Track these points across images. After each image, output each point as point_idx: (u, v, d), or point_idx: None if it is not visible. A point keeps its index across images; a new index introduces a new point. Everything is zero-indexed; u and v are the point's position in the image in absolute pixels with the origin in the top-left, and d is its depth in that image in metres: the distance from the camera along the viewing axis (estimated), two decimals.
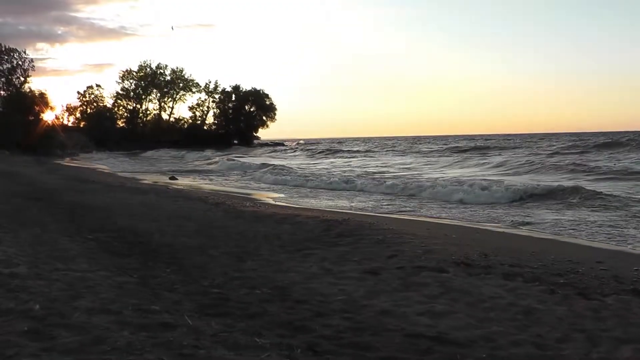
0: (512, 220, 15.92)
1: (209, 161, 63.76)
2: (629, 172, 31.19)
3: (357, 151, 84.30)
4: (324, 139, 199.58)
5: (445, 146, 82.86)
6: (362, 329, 6.19)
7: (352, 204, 20.87)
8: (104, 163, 60.59)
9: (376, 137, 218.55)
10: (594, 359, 5.48)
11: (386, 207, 20.15)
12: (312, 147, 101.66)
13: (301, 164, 57.17)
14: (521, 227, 14.84)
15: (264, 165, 46.82)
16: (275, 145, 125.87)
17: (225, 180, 35.61)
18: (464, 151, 66.69)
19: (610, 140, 67.80)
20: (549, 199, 20.34)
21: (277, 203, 20.94)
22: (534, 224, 15.11)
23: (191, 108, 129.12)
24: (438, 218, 16.96)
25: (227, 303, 7.04)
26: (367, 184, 27.67)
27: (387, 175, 36.14)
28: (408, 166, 48.53)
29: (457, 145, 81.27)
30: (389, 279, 8.46)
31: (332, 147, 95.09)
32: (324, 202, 21.80)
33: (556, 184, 23.21)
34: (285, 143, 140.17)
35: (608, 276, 8.75)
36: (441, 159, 56.20)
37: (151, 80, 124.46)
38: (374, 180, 29.13)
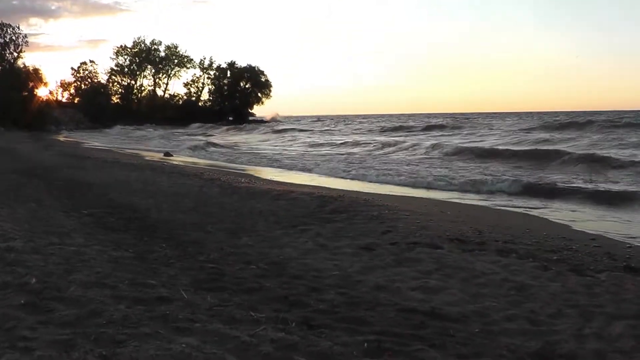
0: None
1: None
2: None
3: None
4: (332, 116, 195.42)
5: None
6: (356, 304, 6.24)
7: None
8: (98, 139, 60.42)
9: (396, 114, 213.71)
10: (586, 335, 5.51)
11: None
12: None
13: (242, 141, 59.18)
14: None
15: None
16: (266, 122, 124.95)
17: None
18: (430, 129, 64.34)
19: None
20: None
21: (273, 179, 20.94)
22: None
23: (186, 84, 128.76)
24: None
25: (222, 278, 7.07)
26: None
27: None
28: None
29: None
30: (383, 254, 8.52)
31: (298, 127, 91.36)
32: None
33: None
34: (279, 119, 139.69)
35: (601, 253, 8.83)
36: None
37: (145, 57, 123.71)
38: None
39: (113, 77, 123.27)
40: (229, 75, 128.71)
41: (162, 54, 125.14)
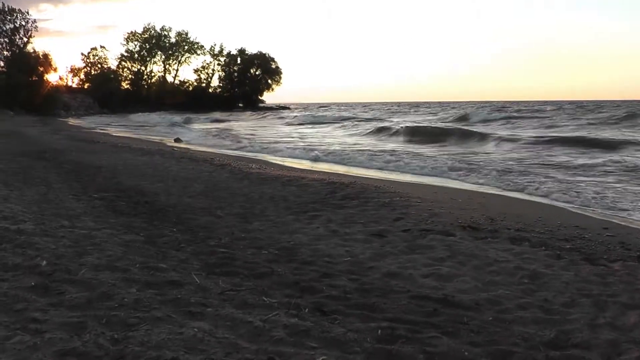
0: None
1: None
2: None
3: None
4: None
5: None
6: (368, 290, 6.20)
7: None
8: (107, 124, 60.56)
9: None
10: (600, 324, 5.46)
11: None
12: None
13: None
14: None
15: None
16: (280, 109, 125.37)
17: None
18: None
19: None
20: None
21: (283, 164, 20.92)
22: None
23: (196, 71, 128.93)
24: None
25: (234, 263, 7.05)
26: None
27: None
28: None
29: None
30: (395, 241, 8.47)
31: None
32: None
33: None
34: (291, 107, 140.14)
35: (614, 242, 8.76)
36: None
37: (156, 43, 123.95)
38: None
39: (123, 63, 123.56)
40: (239, 61, 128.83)
41: (173, 40, 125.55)
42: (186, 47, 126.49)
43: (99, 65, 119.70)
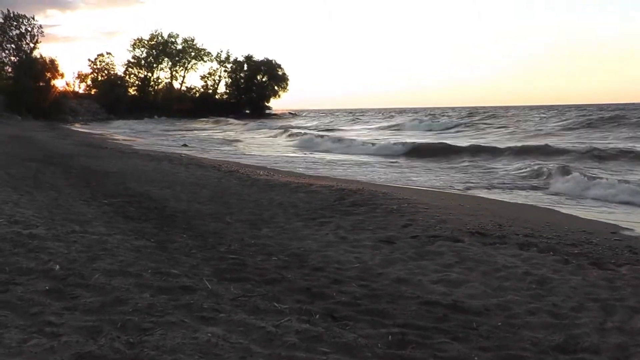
0: None
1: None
2: None
3: None
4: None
5: None
6: (378, 296, 6.24)
7: None
8: (115, 129, 60.79)
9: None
10: (608, 328, 5.50)
11: None
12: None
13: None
14: None
15: None
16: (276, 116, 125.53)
17: None
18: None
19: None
20: None
21: (291, 171, 20.97)
22: None
23: (203, 77, 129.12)
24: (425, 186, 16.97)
25: (244, 269, 7.09)
26: None
27: None
28: None
29: None
30: (403, 247, 8.51)
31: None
32: None
33: None
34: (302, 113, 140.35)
35: (622, 246, 8.80)
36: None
37: (162, 49, 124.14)
38: None
39: (130, 69, 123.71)
40: (245, 68, 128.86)
41: (179, 46, 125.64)
42: (193, 54, 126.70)
43: (106, 71, 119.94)
